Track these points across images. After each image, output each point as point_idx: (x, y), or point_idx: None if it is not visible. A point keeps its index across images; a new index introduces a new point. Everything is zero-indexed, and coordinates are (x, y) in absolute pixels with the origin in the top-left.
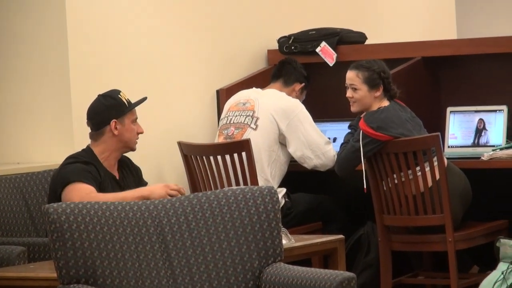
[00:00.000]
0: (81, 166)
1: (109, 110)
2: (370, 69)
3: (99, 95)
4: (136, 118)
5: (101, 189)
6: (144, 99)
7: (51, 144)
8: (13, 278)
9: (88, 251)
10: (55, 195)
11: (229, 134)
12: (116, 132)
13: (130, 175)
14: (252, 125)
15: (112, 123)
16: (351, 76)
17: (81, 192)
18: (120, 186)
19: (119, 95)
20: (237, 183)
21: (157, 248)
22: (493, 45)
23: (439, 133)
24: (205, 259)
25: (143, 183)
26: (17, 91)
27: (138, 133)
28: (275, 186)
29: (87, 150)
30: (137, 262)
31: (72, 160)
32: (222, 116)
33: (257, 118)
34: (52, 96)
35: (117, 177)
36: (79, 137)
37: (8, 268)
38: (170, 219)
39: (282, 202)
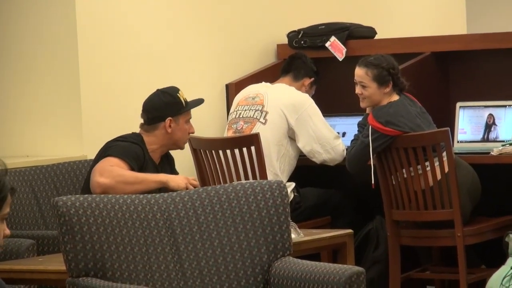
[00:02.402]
0: (128, 144)
1: (166, 107)
2: (379, 66)
3: (158, 90)
4: (190, 118)
5: (141, 171)
6: (201, 101)
7: (60, 137)
8: (22, 271)
9: (97, 244)
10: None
11: (238, 128)
12: (169, 130)
13: (167, 164)
14: (262, 120)
15: (167, 120)
16: (360, 73)
17: (106, 163)
18: (158, 172)
19: (177, 94)
20: (246, 177)
21: (166, 241)
22: (503, 40)
23: (448, 128)
24: (214, 252)
25: (174, 173)
26: (26, 85)
27: (189, 133)
28: (284, 181)
29: (138, 135)
30: (146, 255)
31: (121, 139)
32: (232, 110)
33: (267, 113)
34: (61, 90)
35: (157, 163)
36: (88, 130)
37: (17, 261)
38: (179, 212)
39: (291, 196)
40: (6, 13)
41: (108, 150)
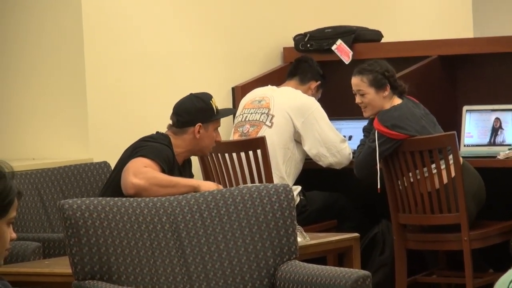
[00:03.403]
0: (159, 146)
1: (198, 113)
2: (374, 71)
3: (191, 94)
4: (219, 126)
5: (169, 173)
6: (233, 111)
7: (66, 140)
8: (28, 274)
9: (103, 247)
10: (122, 167)
11: (245, 132)
12: (197, 136)
13: (188, 166)
14: (268, 123)
15: (197, 126)
16: (356, 82)
17: (139, 164)
18: (181, 175)
19: (210, 101)
20: (252, 181)
21: (172, 244)
22: (510, 44)
23: (455, 132)
24: (220, 256)
25: (191, 175)
26: (32, 88)
27: (216, 141)
28: (290, 184)
29: (166, 136)
30: (152, 259)
31: (151, 139)
32: (238, 113)
33: (273, 116)
34: (67, 92)
35: (180, 165)
36: (94, 133)
37: (23, 263)
38: (185, 216)
39: (297, 200)
40: (11, 15)
41: (139, 150)
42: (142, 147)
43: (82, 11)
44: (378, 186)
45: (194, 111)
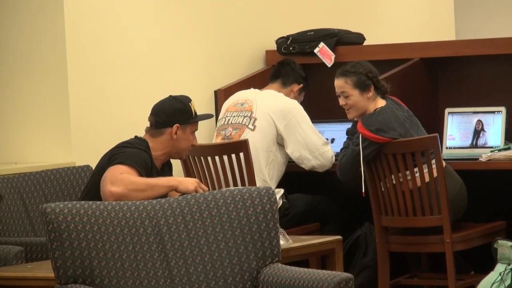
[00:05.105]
0: (136, 151)
1: (176, 114)
2: (357, 72)
3: (170, 96)
4: (196, 130)
5: (147, 178)
6: (211, 116)
7: (48, 144)
8: (11, 278)
9: (86, 251)
10: (102, 173)
11: (227, 135)
12: (174, 137)
13: (167, 170)
14: (250, 126)
15: (175, 127)
16: (340, 84)
17: (116, 171)
18: None
19: (189, 103)
20: (235, 184)
21: (155, 248)
22: (491, 46)
23: (437, 134)
24: (203, 259)
25: None
26: (15, 91)
27: (192, 145)
28: (273, 187)
29: (144, 141)
30: (135, 263)
31: (128, 145)
32: (220, 116)
33: (255, 119)
34: (50, 96)
35: (159, 169)
36: (77, 137)
37: (5, 268)
38: (167, 219)
39: (280, 202)
40: None
41: (116, 157)
42: (118, 154)
43: (64, 15)
44: (363, 190)
45: (172, 111)
